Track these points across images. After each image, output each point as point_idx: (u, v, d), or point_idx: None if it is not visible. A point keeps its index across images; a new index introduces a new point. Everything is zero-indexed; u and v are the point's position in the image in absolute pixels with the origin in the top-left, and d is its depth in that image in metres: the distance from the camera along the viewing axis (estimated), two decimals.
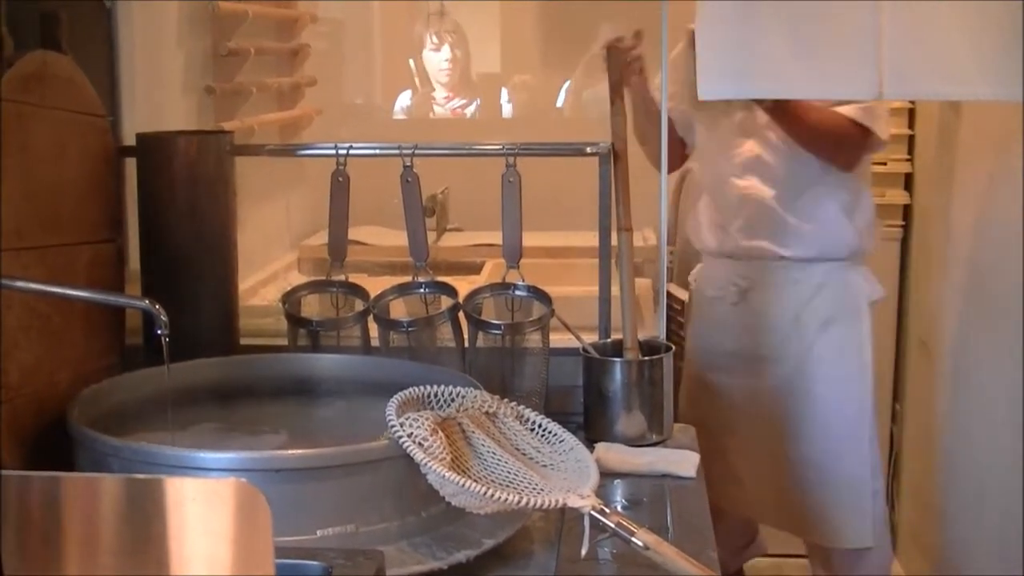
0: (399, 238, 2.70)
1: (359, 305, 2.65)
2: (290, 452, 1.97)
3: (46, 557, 1.29)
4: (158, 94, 3.18)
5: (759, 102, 3.06)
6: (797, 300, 3.33)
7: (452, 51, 4.88)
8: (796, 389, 3.34)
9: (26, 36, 2.28)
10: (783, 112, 3.11)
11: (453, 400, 2.07)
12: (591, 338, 2.61)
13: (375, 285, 2.69)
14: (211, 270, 2.59)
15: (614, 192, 2.55)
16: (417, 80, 4.97)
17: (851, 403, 3.34)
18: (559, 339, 2.61)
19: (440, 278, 2.70)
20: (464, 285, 2.75)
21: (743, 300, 3.38)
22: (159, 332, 2.04)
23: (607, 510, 1.86)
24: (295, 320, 2.63)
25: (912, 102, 4.21)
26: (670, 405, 2.54)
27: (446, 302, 2.63)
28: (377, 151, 2.72)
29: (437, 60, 4.90)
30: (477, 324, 2.60)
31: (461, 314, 2.61)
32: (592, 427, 2.50)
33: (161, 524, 1.28)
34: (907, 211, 4.42)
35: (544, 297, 2.61)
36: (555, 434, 2.07)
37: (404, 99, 5.02)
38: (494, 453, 1.96)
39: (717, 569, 1.93)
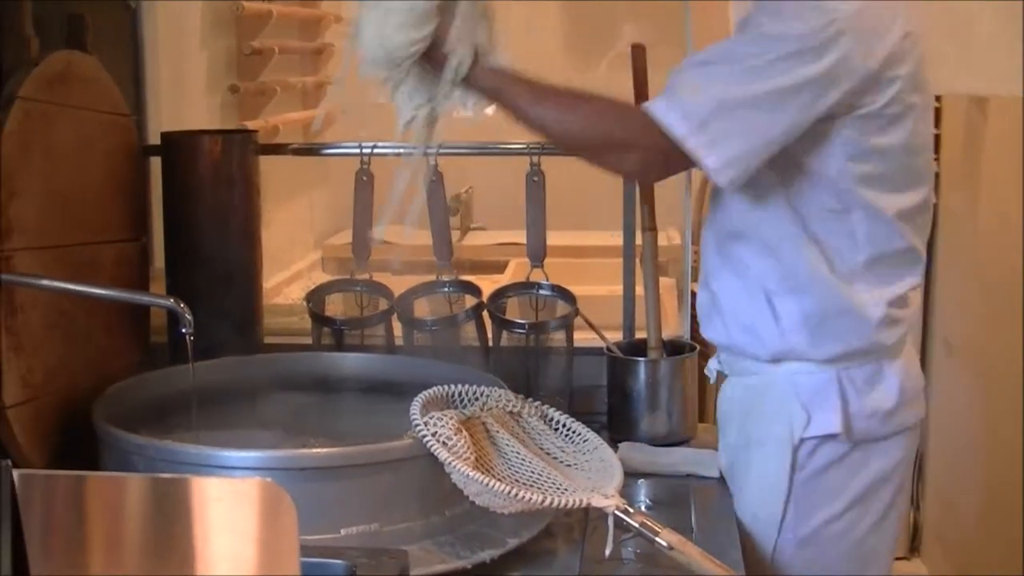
0: (423, 237, 2.70)
1: (383, 304, 2.65)
2: (314, 451, 1.97)
3: (71, 556, 1.30)
4: (182, 93, 3.19)
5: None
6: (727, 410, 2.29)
7: None
8: None
9: (51, 37, 2.28)
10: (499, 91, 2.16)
11: (477, 399, 2.07)
12: (615, 337, 2.61)
13: (399, 284, 2.69)
14: (235, 268, 2.59)
15: (638, 191, 2.55)
16: None
17: None
18: (583, 338, 2.61)
19: (464, 277, 2.70)
20: (488, 284, 2.75)
21: None
22: (184, 331, 2.04)
23: (631, 510, 1.86)
24: (319, 319, 2.63)
25: (938, 100, 4.20)
26: (694, 405, 2.53)
27: (470, 301, 2.63)
28: (401, 150, 2.72)
29: None
30: (501, 323, 2.59)
31: (485, 313, 2.61)
32: (616, 426, 2.50)
33: (186, 524, 1.28)
34: (933, 210, 4.40)
35: (568, 296, 2.61)
36: (579, 433, 2.07)
37: None
38: (518, 452, 1.96)
39: (741, 569, 1.92)
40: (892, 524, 2.18)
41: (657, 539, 1.83)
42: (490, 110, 2.18)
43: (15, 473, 1.21)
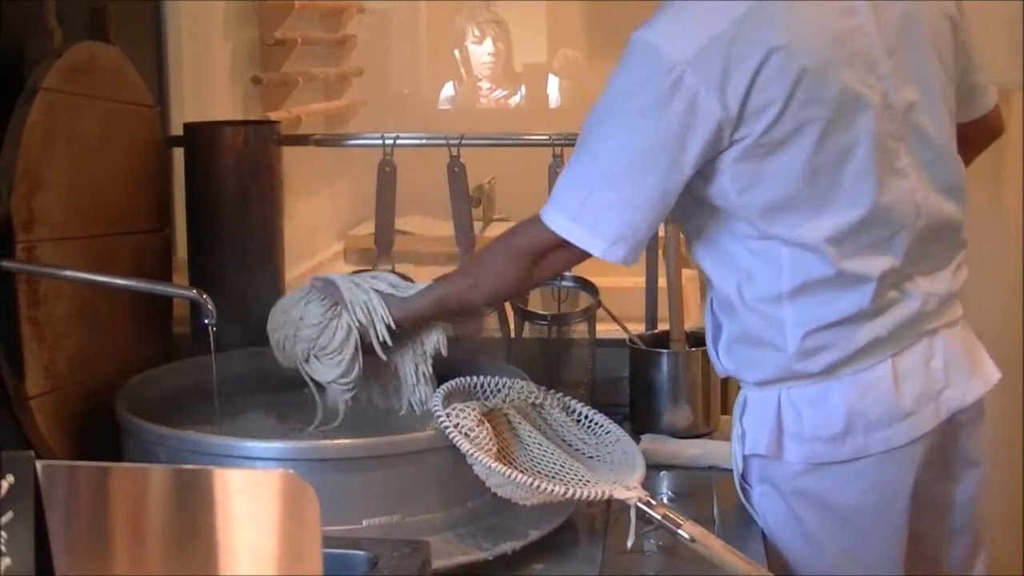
0: (445, 228, 2.70)
1: None
2: (336, 442, 1.97)
3: (94, 547, 1.30)
4: (205, 84, 3.19)
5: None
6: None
7: (495, 44, 4.88)
8: None
9: (75, 28, 2.29)
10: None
11: (499, 391, 2.07)
12: (638, 329, 2.61)
13: (421, 275, 2.68)
14: (258, 259, 2.59)
15: None
16: (463, 71, 4.97)
17: None
18: (606, 330, 2.61)
19: None
20: None
21: None
22: (206, 322, 2.05)
23: (653, 502, 1.85)
24: None
25: None
26: (717, 397, 2.52)
27: None
28: (424, 141, 2.72)
29: (479, 53, 4.90)
30: (523, 315, 2.59)
31: (507, 304, 2.60)
32: (638, 418, 2.50)
33: (209, 515, 1.28)
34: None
35: (591, 288, 2.60)
36: (601, 425, 2.07)
37: (448, 89, 5.02)
38: (540, 444, 1.96)
39: (764, 562, 1.92)
40: (888, 546, 2.06)
41: (679, 531, 1.83)
42: None
43: (38, 464, 1.22)
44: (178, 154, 2.64)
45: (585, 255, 1.97)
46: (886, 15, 1.96)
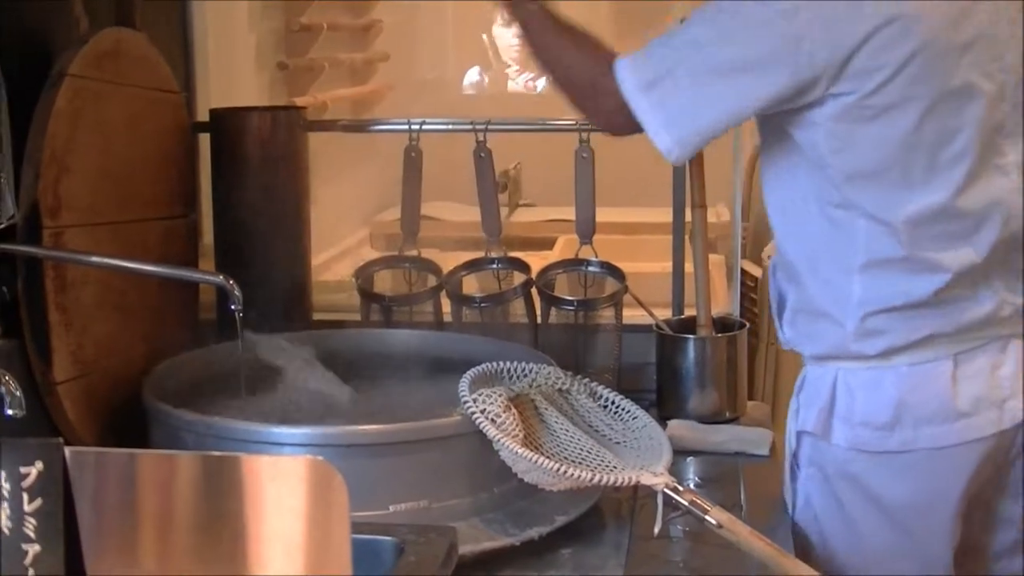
0: (472, 214, 2.70)
1: (432, 281, 2.65)
2: (363, 427, 1.97)
3: (122, 534, 1.30)
4: (231, 70, 3.19)
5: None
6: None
7: None
8: None
9: (101, 14, 2.29)
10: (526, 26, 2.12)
11: (526, 376, 2.07)
12: (664, 315, 2.60)
13: (447, 261, 2.69)
14: (284, 245, 2.59)
15: (688, 168, 2.53)
16: (491, 55, 4.97)
17: None
18: (632, 315, 2.60)
19: (512, 254, 2.69)
20: (537, 261, 2.74)
21: None
22: (233, 307, 2.05)
23: (680, 488, 1.85)
24: (368, 295, 2.64)
25: None
26: (744, 382, 2.52)
27: (518, 278, 2.62)
28: (450, 127, 2.72)
29: (508, 36, 4.90)
30: (550, 300, 2.59)
31: (534, 290, 2.60)
32: (665, 404, 2.49)
33: (237, 501, 1.28)
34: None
35: (617, 273, 2.60)
36: (628, 411, 2.06)
37: (473, 74, 5.02)
38: (567, 430, 1.95)
39: (791, 548, 1.91)
40: (933, 547, 2.01)
41: (706, 517, 1.82)
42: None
43: (67, 451, 1.22)
44: (204, 140, 2.64)
45: (628, 127, 1.96)
46: (1019, 11, 1.92)
